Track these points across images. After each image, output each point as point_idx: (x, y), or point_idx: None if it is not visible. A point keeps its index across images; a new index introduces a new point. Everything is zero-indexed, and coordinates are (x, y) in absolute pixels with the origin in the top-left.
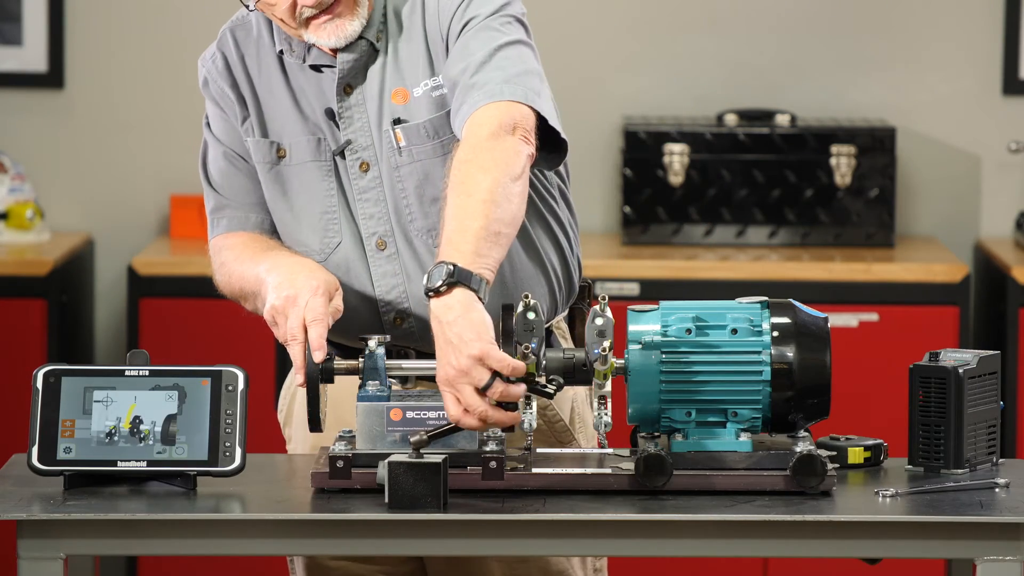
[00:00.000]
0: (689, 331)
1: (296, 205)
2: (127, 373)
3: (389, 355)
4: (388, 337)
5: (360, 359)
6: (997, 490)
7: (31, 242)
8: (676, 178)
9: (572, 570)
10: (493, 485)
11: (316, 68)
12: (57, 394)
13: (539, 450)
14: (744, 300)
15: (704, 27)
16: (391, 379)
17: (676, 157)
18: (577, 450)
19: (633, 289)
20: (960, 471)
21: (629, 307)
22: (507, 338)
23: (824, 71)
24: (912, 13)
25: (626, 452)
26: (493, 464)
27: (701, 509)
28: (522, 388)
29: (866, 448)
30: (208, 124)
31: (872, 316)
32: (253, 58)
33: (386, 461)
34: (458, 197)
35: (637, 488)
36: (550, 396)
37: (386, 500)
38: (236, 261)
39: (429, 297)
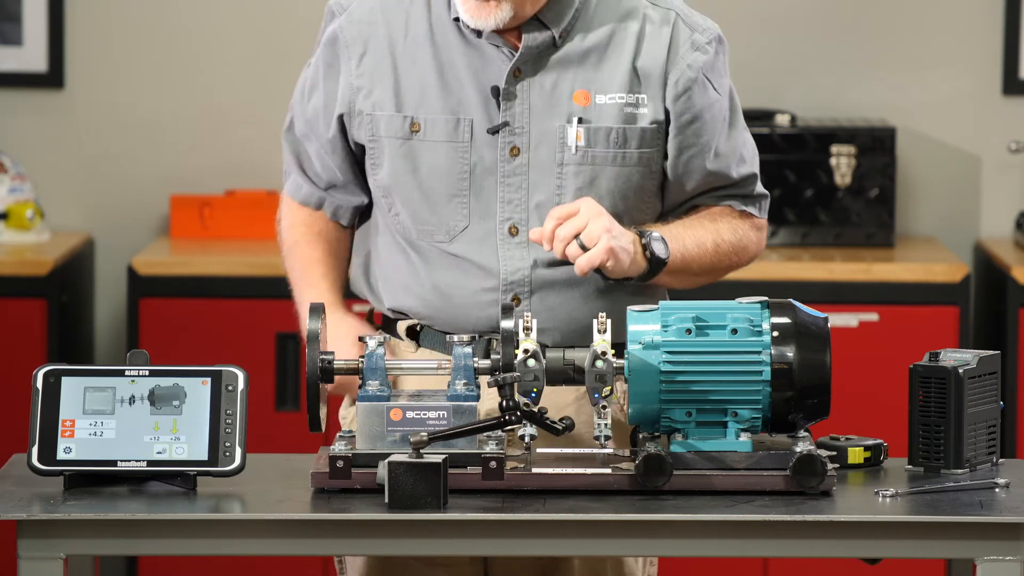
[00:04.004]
0: (689, 331)
1: (425, 184)
2: (127, 373)
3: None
4: (388, 337)
5: (360, 359)
6: (997, 490)
7: (31, 242)
8: None
9: (637, 571)
10: (493, 485)
11: (495, 47)
12: (57, 394)
13: (539, 450)
14: (744, 300)
15: None
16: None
17: None
18: (577, 450)
19: None
20: (960, 471)
21: (629, 307)
22: (507, 339)
23: (824, 71)
24: (912, 13)
25: (626, 452)
26: (493, 464)
27: (701, 509)
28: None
29: (866, 448)
30: (307, 70)
31: (872, 316)
32: (400, 25)
33: (386, 461)
34: (701, 231)
35: (637, 488)
36: (557, 433)
37: (386, 500)
38: (292, 256)
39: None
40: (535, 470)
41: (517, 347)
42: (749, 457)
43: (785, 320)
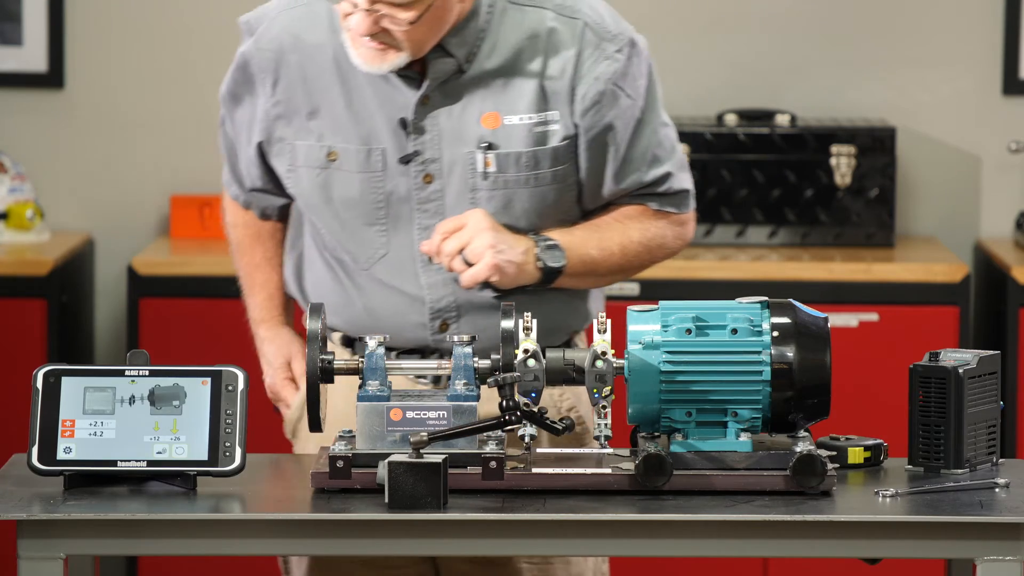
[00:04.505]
0: (689, 331)
1: (342, 214)
2: (127, 373)
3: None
4: (388, 337)
5: (360, 359)
6: (997, 490)
7: (31, 242)
8: None
9: (586, 571)
10: (493, 485)
11: (401, 75)
12: (57, 394)
13: (539, 450)
14: (744, 300)
15: (704, 27)
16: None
17: None
18: (577, 450)
19: (633, 289)
20: (960, 471)
21: (629, 307)
22: (507, 339)
23: (824, 71)
24: (912, 13)
25: (626, 452)
26: (493, 464)
27: (701, 509)
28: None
29: (866, 448)
30: (229, 105)
31: (872, 316)
32: (308, 52)
33: (386, 461)
34: (609, 232)
35: (637, 488)
36: (557, 433)
37: (386, 500)
38: (235, 258)
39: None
40: (535, 470)
41: (517, 347)
42: (749, 457)
43: (785, 320)
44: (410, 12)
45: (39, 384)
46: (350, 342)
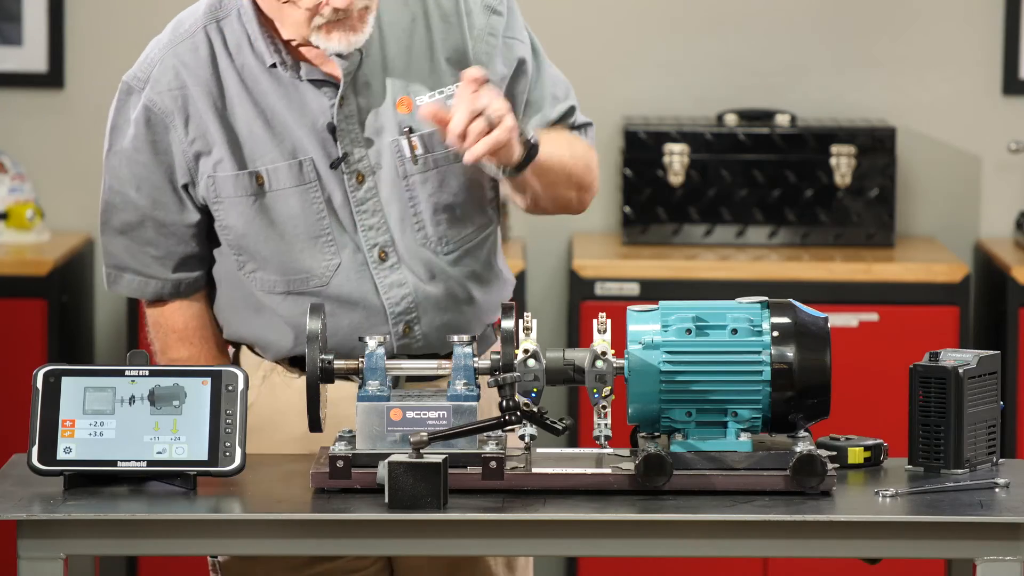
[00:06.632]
0: (689, 331)
1: (287, 233)
2: (127, 373)
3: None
4: (388, 337)
5: (360, 359)
6: (997, 490)
7: (31, 242)
8: (676, 178)
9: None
10: (493, 485)
11: (315, 83)
12: (57, 394)
13: (539, 450)
14: (744, 300)
15: (704, 27)
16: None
17: (676, 157)
18: (577, 450)
19: (633, 289)
20: (960, 471)
21: (629, 307)
22: (507, 339)
23: (824, 71)
24: (912, 13)
25: (626, 452)
26: (493, 464)
27: (701, 509)
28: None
29: (866, 448)
30: (114, 160)
31: (872, 316)
32: (209, 83)
33: (386, 461)
34: (564, 145)
35: (637, 488)
36: (557, 433)
37: (386, 500)
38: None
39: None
40: (535, 470)
41: (517, 347)
42: (749, 457)
43: (785, 320)
44: None
45: (39, 384)
46: (300, 362)
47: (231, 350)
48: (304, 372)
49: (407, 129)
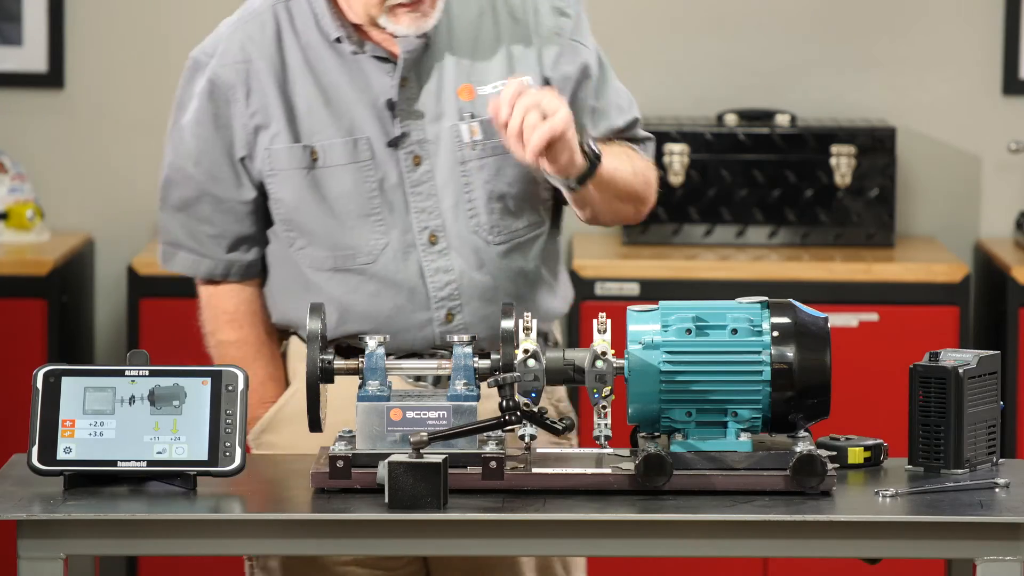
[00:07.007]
0: (689, 331)
1: (337, 210)
2: (127, 373)
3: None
4: (388, 337)
5: (360, 359)
6: (997, 490)
7: (31, 242)
8: (676, 178)
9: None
10: (493, 485)
11: (378, 59)
12: (57, 394)
13: (539, 450)
14: (744, 300)
15: (704, 27)
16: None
17: (676, 157)
18: (577, 450)
19: (633, 289)
20: (960, 471)
21: (629, 307)
22: (507, 339)
23: (824, 71)
24: (912, 13)
25: (626, 452)
26: (493, 464)
27: (701, 509)
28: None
29: (866, 448)
30: (176, 134)
31: (872, 316)
32: (274, 57)
33: (386, 461)
34: (626, 160)
35: (637, 488)
36: (557, 433)
37: (386, 500)
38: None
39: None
40: (535, 470)
41: (517, 347)
42: (749, 457)
43: (785, 320)
44: None
45: (39, 384)
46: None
47: (283, 343)
48: (346, 357)
49: (468, 115)
